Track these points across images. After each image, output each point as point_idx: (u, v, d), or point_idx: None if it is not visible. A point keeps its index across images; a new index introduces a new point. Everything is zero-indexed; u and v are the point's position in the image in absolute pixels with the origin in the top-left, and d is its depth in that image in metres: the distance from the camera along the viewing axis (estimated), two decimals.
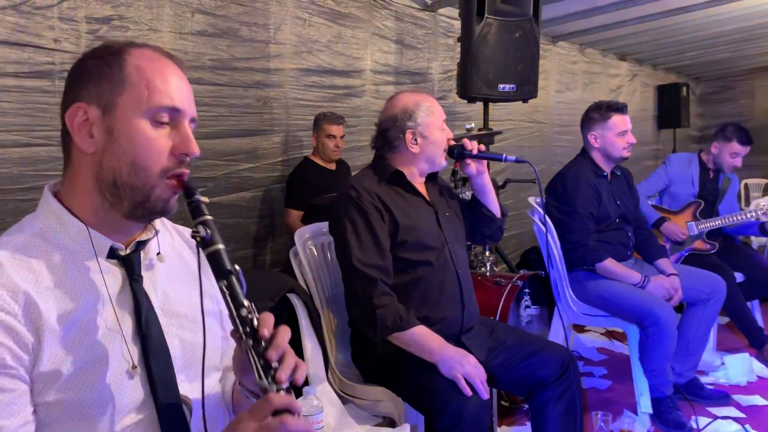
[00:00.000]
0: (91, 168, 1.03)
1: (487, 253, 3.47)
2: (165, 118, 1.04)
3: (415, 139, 2.15)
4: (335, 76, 3.98)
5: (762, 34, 5.77)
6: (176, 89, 1.06)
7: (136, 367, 1.03)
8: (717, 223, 3.68)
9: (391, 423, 2.02)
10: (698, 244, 3.71)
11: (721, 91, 8.78)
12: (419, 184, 2.22)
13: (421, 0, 4.50)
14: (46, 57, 2.59)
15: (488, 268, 3.42)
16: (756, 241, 5.21)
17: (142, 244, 1.10)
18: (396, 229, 2.06)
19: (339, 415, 1.97)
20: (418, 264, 2.08)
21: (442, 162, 2.20)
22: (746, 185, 6.98)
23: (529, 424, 2.19)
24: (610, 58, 6.87)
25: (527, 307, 3.10)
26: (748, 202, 6.59)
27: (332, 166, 3.72)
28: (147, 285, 1.09)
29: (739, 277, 3.62)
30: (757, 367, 3.48)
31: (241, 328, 0.98)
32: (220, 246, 1.01)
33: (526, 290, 3.08)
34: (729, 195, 3.88)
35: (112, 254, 1.06)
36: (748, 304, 3.65)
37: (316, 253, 2.34)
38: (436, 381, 1.87)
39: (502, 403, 2.99)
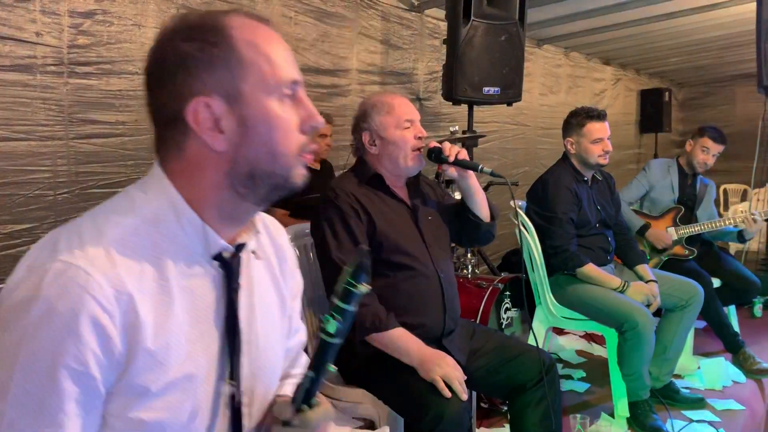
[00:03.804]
0: (222, 165, 0.92)
1: (469, 255, 3.48)
2: (288, 92, 0.94)
3: (373, 141, 2.14)
4: (321, 75, 3.96)
5: (743, 41, 5.84)
6: (291, 57, 0.96)
7: (232, 383, 0.96)
8: (697, 229, 3.73)
9: (372, 425, 2.02)
10: (677, 250, 3.75)
11: (703, 96, 8.88)
12: (399, 188, 2.21)
13: (408, 1, 4.49)
14: (28, 51, 2.54)
15: (470, 270, 3.44)
16: (733, 246, 5.29)
17: (241, 247, 0.99)
18: (373, 231, 2.06)
19: None
20: (398, 267, 2.08)
21: (408, 163, 2.13)
22: (725, 191, 7.08)
23: (507, 426, 2.21)
24: (594, 62, 6.92)
25: (507, 309, 3.12)
26: (726, 208, 6.68)
27: (317, 166, 3.71)
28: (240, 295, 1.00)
29: (716, 282, 3.67)
30: (733, 371, 3.54)
31: (290, 418, 0.98)
32: (337, 342, 0.94)
33: (507, 293, 3.10)
34: (706, 200, 3.93)
35: (216, 256, 0.95)
36: (725, 309, 3.70)
37: (298, 253, 2.33)
38: (415, 384, 1.87)
39: (482, 404, 3.00)
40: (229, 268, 0.96)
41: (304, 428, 0.97)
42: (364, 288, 0.89)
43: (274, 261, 1.12)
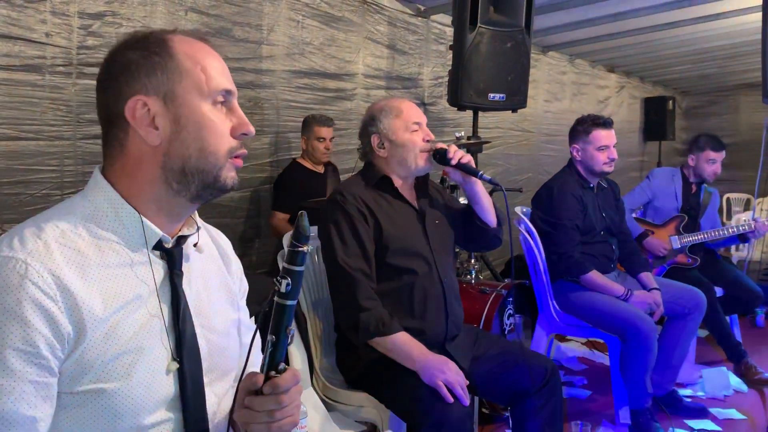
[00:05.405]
0: (156, 159, 1.02)
1: (472, 261, 3.49)
2: (221, 99, 1.05)
3: (382, 144, 2.16)
4: (327, 79, 3.98)
5: (747, 51, 5.85)
6: (225, 71, 1.07)
7: (176, 359, 1.01)
8: (700, 237, 3.73)
9: (374, 429, 2.03)
10: (680, 258, 3.76)
11: (707, 105, 8.89)
12: (407, 191, 2.22)
13: (414, 6, 4.51)
14: (37, 51, 2.56)
15: (473, 275, 3.44)
16: (736, 255, 5.29)
17: (183, 239, 1.09)
18: (380, 234, 2.07)
19: (323, 421, 1.97)
20: (403, 271, 2.08)
21: (418, 164, 2.15)
22: (728, 200, 7.08)
23: None
24: (598, 69, 6.93)
25: (510, 315, 3.12)
26: (729, 216, 6.69)
27: (320, 169, 3.72)
28: (183, 281, 1.08)
29: (718, 291, 3.68)
30: (735, 381, 3.53)
31: (260, 387, 1.00)
32: (292, 303, 0.98)
33: (510, 299, 3.11)
34: (710, 209, 3.94)
35: (158, 246, 1.05)
36: (727, 318, 3.70)
37: None
38: (418, 389, 1.88)
39: (483, 410, 3.00)
40: (171, 256, 1.06)
41: (274, 394, 0.99)
42: (306, 248, 0.95)
43: (219, 260, 1.21)
